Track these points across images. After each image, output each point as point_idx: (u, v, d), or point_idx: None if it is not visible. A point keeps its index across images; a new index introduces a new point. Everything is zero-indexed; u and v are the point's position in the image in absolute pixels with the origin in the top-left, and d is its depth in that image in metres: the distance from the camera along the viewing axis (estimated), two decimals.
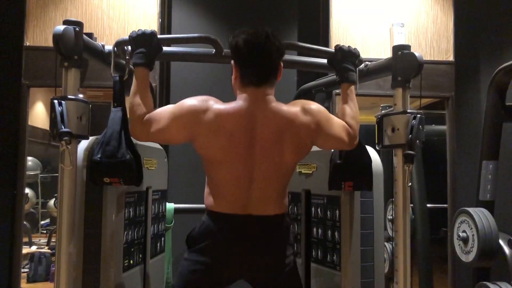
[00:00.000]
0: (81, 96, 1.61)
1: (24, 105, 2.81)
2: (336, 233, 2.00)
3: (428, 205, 3.57)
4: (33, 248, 5.39)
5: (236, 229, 1.55)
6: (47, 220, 6.45)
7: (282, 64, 1.60)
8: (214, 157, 1.54)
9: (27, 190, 6.08)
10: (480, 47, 3.29)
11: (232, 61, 1.59)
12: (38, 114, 5.67)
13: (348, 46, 1.79)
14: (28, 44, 2.88)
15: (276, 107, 1.55)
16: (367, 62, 1.97)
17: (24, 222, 5.81)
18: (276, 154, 1.54)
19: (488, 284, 2.45)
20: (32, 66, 2.84)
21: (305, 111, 1.58)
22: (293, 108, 1.58)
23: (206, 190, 1.63)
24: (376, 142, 1.90)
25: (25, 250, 5.24)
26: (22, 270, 5.11)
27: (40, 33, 2.90)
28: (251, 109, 1.53)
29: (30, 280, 4.99)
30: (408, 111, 1.76)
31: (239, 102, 1.55)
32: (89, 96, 4.36)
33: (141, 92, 1.57)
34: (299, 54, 2.16)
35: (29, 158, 6.20)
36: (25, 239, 5.67)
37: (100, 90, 3.96)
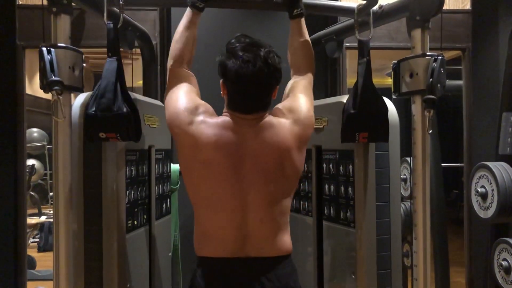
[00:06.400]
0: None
1: (21, 67, 2.67)
2: (349, 189, 1.90)
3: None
4: (43, 218, 5.39)
5: (229, 278, 1.37)
6: None
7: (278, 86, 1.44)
8: (195, 170, 1.38)
9: (34, 162, 6.07)
10: None
11: (221, 80, 1.42)
12: None
13: None
14: (20, 3, 2.73)
15: (267, 128, 1.40)
16: (381, 4, 1.82)
17: (33, 193, 5.86)
18: (274, 176, 1.40)
19: (509, 239, 2.34)
20: (26, 26, 2.69)
21: (288, 116, 1.46)
22: (282, 121, 1.44)
23: (195, 230, 1.45)
24: (393, 90, 1.77)
25: (35, 220, 5.25)
26: (33, 239, 5.17)
27: None
28: (238, 132, 1.38)
29: (41, 249, 5.05)
30: (428, 53, 1.62)
31: (225, 122, 1.39)
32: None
33: (186, 32, 1.53)
34: None
35: (35, 129, 6.14)
36: (35, 210, 5.68)
37: (102, 59, 3.81)
